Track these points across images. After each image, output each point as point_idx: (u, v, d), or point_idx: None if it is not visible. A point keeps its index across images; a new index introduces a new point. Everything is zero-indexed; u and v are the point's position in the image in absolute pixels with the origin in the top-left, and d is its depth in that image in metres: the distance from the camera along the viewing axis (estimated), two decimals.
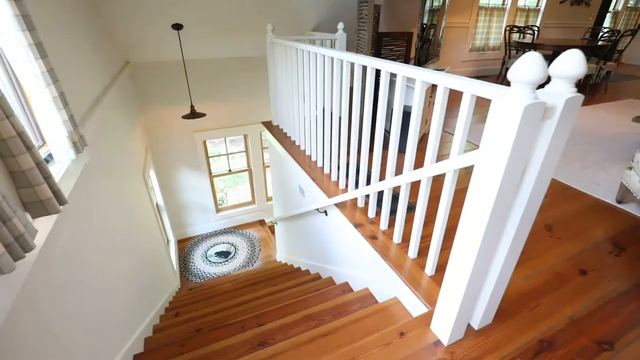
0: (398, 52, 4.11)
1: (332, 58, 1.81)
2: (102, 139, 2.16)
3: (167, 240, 4.49)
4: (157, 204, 4.27)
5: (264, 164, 5.33)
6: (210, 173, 5.05)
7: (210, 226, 5.41)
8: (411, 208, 1.63)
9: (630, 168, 1.87)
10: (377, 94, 1.48)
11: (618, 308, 1.29)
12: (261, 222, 5.62)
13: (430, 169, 1.19)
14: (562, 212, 1.91)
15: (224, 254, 4.91)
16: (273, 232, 5.13)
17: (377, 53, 3.90)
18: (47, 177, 1.05)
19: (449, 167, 1.07)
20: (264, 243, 5.14)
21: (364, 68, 1.54)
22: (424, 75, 1.16)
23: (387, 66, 1.34)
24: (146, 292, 2.61)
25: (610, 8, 7.15)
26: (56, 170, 1.36)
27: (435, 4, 3.91)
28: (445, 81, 1.06)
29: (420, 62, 3.87)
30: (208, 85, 4.38)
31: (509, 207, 0.91)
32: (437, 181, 1.34)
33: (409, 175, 1.32)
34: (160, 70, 4.07)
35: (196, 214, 5.23)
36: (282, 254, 4.15)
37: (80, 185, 1.49)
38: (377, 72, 1.54)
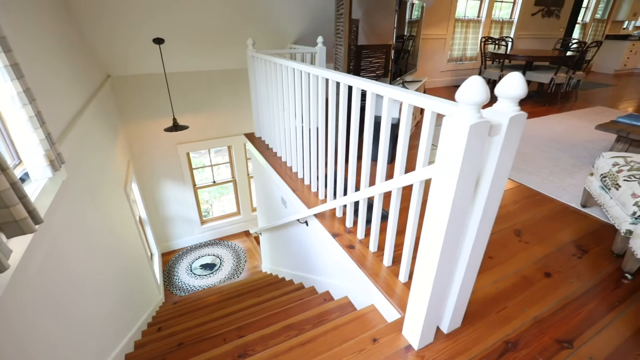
0: (377, 63, 4.24)
1: (309, 74, 1.88)
2: (81, 155, 2.16)
3: (151, 254, 4.43)
4: (139, 217, 4.23)
5: (248, 174, 5.35)
6: (194, 185, 5.04)
7: (195, 238, 5.37)
8: (386, 217, 1.69)
9: (592, 174, 1.98)
10: (351, 106, 1.54)
11: (578, 308, 1.36)
12: (247, 233, 5.61)
13: (395, 181, 1.25)
14: (530, 217, 2.00)
15: (209, 266, 4.87)
16: (259, 242, 5.13)
17: (357, 65, 4.00)
18: (22, 197, 1.07)
19: (411, 180, 1.14)
20: (249, 254, 5.12)
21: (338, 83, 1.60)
22: (390, 93, 1.23)
23: (358, 83, 1.41)
24: (128, 308, 2.58)
25: (579, 20, 7.53)
26: (32, 189, 1.37)
27: (415, 15, 4.02)
28: (409, 98, 1.14)
29: (401, 72, 3.96)
30: (191, 97, 4.40)
31: (466, 216, 0.97)
32: (411, 190, 1.41)
33: (380, 186, 1.38)
34: (142, 84, 4.07)
35: (181, 226, 5.19)
36: (267, 264, 4.16)
37: (58, 203, 1.50)
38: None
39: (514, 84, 0.81)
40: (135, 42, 3.39)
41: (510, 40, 6.42)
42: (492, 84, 5.85)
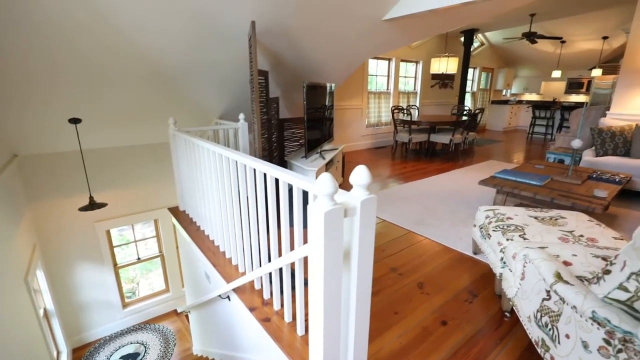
0: (300, 134, 4.62)
1: (222, 155, 2.02)
2: None
3: (57, 354, 3.83)
4: (45, 309, 3.71)
5: (177, 247, 5.10)
6: (115, 264, 4.63)
7: (115, 325, 4.78)
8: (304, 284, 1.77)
9: (475, 225, 2.33)
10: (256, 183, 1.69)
11: (468, 351, 1.53)
12: (176, 312, 5.17)
13: (285, 257, 1.39)
14: (432, 268, 2.24)
15: (132, 357, 4.31)
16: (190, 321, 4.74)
17: (280, 136, 4.32)
18: None
19: (295, 257, 1.28)
20: (180, 335, 4.68)
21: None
22: (284, 177, 1.41)
23: (260, 167, 1.58)
24: None
25: (468, 89, 9.11)
26: None
27: (327, 90, 4.52)
28: (297, 183, 1.31)
29: (325, 138, 4.31)
30: (111, 173, 4.25)
31: (341, 285, 1.11)
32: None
33: (283, 258, 1.49)
34: (55, 162, 3.87)
35: (98, 313, 4.62)
36: (198, 345, 3.84)
37: None
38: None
39: (361, 175, 1.02)
40: (49, 121, 3.29)
41: (416, 108, 7.48)
42: (404, 146, 6.64)
